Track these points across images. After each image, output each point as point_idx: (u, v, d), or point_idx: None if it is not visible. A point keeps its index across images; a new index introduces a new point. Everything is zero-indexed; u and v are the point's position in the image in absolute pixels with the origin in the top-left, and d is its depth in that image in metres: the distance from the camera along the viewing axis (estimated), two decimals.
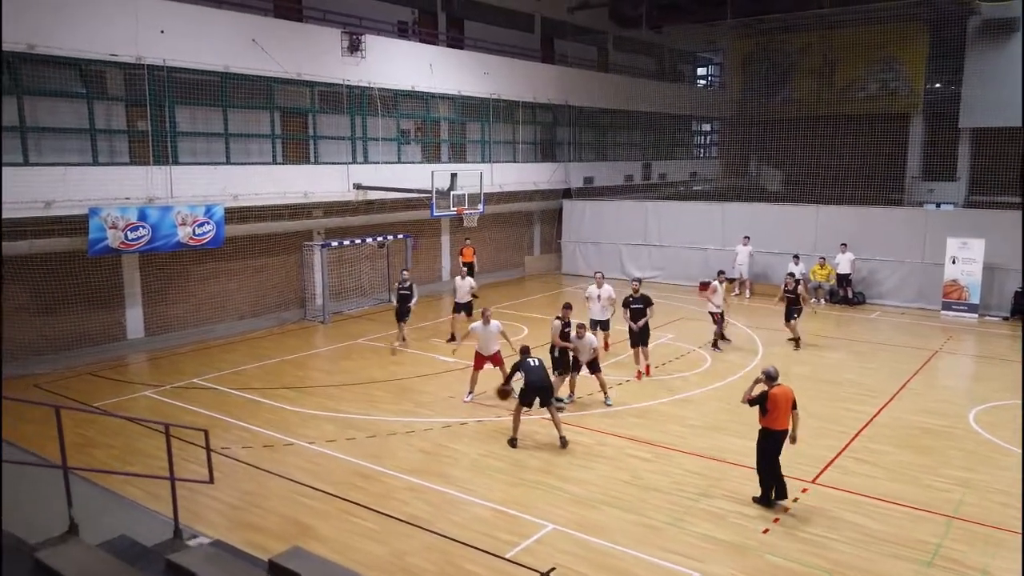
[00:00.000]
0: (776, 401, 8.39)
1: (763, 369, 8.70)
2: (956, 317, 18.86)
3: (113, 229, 14.72)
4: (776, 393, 8.43)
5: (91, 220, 14.36)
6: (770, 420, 8.47)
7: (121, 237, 14.87)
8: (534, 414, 11.21)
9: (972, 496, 8.87)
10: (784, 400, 8.42)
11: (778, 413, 8.42)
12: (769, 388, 8.46)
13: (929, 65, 32.89)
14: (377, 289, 21.64)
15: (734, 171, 37.46)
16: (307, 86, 18.49)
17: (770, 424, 8.49)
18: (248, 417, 11.90)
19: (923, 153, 33.83)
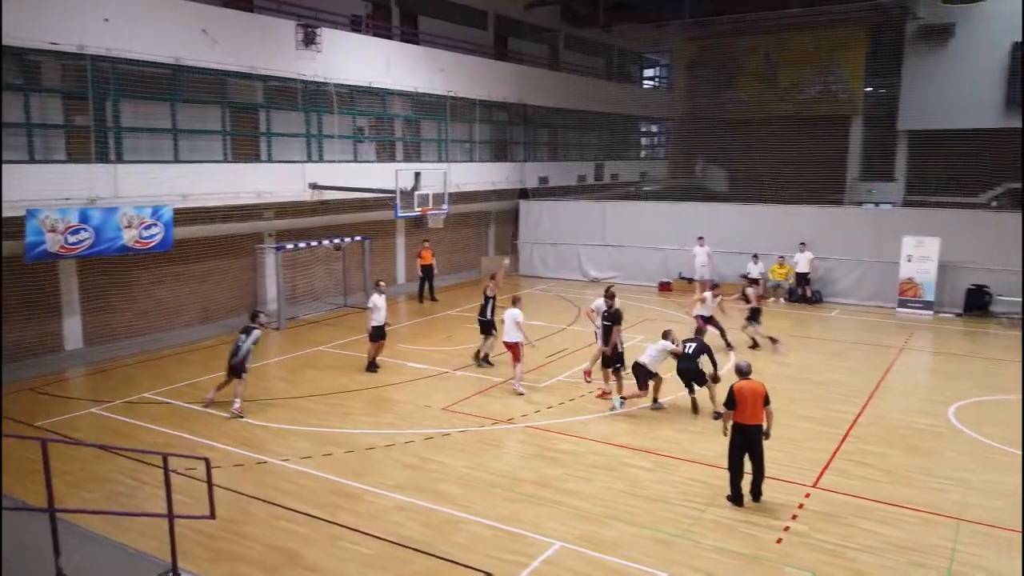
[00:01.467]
0: (742, 395, 8.41)
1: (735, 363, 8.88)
2: (912, 314, 19.27)
3: (52, 232, 13.59)
4: (742, 387, 8.47)
5: (28, 222, 13.21)
6: (737, 414, 8.47)
7: (61, 241, 13.74)
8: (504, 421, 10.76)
9: (974, 497, 8.85)
10: (751, 394, 8.40)
11: (745, 407, 8.41)
12: (736, 383, 8.54)
13: (868, 68, 33.81)
14: (333, 293, 20.82)
15: (681, 171, 37.84)
16: (260, 80, 17.58)
17: (737, 418, 8.49)
18: (212, 434, 11.08)
19: (863, 154, 34.80)
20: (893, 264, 19.78)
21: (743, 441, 8.53)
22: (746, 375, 8.67)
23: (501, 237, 27.63)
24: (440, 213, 18.36)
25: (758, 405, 8.43)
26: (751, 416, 8.45)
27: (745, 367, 8.75)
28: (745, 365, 8.77)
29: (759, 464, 8.61)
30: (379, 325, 14.08)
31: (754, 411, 8.44)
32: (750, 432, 8.48)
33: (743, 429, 8.48)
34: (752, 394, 8.43)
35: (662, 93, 38.98)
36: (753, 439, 8.51)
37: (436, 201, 18.24)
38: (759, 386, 8.51)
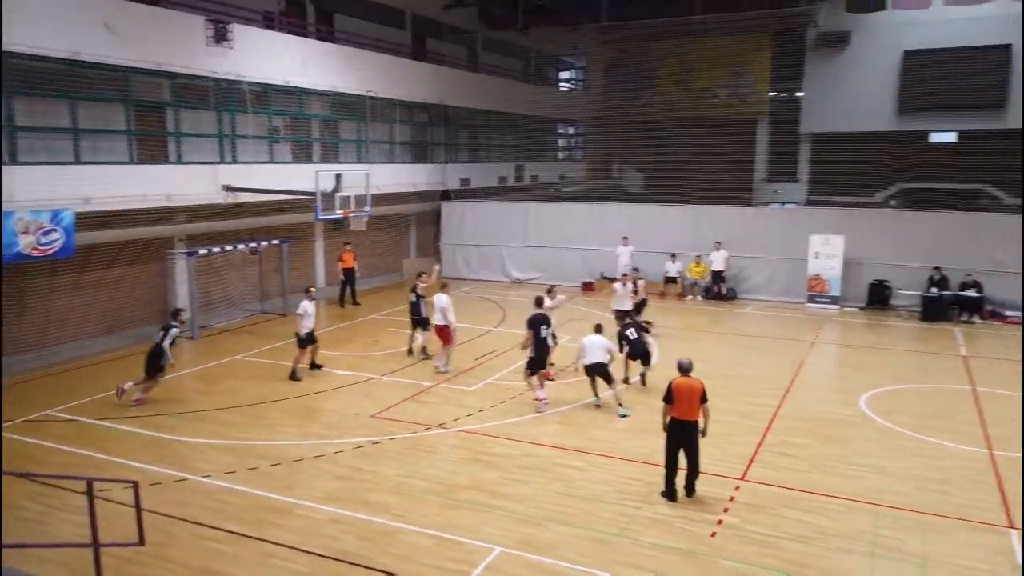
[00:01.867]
0: (680, 391, 8.65)
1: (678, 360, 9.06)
2: (820, 309, 20.19)
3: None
4: (680, 383, 8.70)
5: None
6: (674, 409, 8.69)
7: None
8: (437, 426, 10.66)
9: (888, 483, 9.31)
10: (688, 391, 8.63)
11: (682, 402, 8.64)
12: (675, 379, 8.80)
13: (773, 74, 35.28)
14: (249, 299, 20.08)
15: (599, 173, 38.53)
16: (168, 78, 16.76)
17: (674, 413, 8.71)
18: (126, 452, 10.47)
19: (769, 156, 36.33)
20: (801, 261, 20.66)
21: (679, 436, 8.70)
22: (686, 372, 8.84)
23: (423, 239, 27.34)
24: (363, 215, 17.97)
25: (694, 401, 8.63)
26: (687, 412, 8.64)
27: (687, 364, 8.92)
28: (687, 362, 8.95)
29: (694, 460, 8.80)
30: (309, 332, 13.93)
31: (690, 407, 8.63)
32: (686, 427, 8.66)
33: (679, 424, 8.68)
34: (689, 390, 8.64)
35: (579, 95, 39.49)
36: (689, 435, 8.68)
37: (358, 203, 17.82)
38: (697, 383, 8.70)
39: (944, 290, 18.62)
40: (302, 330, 13.86)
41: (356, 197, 17.85)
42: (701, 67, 36.09)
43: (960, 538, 7.92)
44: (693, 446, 8.76)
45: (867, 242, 20.13)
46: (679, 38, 35.77)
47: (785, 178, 35.69)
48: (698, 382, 8.73)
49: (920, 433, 10.95)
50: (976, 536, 7.96)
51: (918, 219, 20.11)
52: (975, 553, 7.61)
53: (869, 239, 20.15)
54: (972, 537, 7.94)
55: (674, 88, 36.76)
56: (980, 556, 7.55)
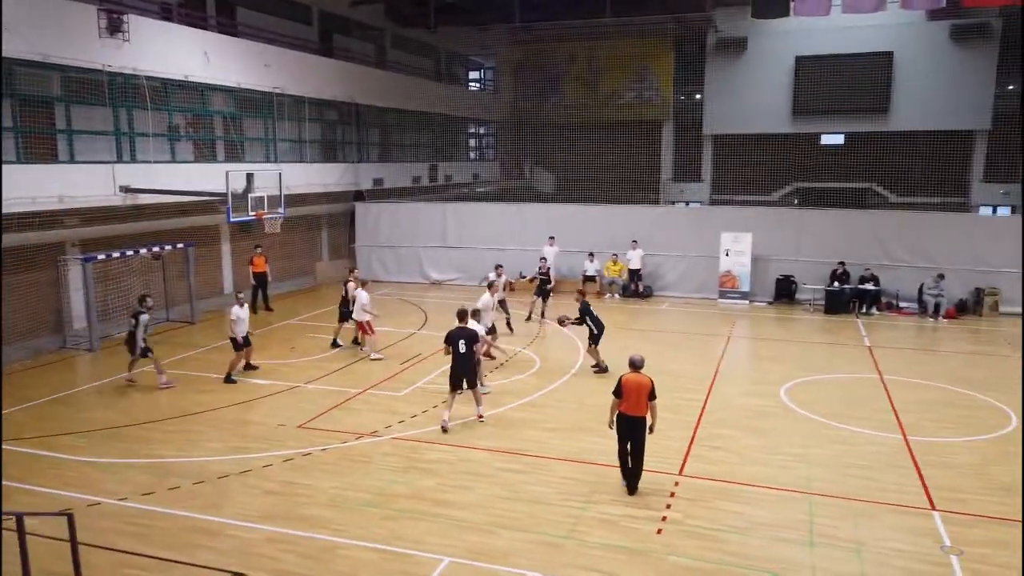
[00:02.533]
0: (628, 387, 8.86)
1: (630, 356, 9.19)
2: (731, 304, 20.92)
3: None
4: (628, 380, 8.91)
5: None
6: (622, 405, 8.91)
7: None
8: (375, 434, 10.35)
9: (816, 471, 9.68)
10: (636, 387, 8.83)
11: (629, 399, 8.84)
12: (625, 374, 9.00)
13: (676, 77, 36.39)
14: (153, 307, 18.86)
15: (511, 173, 38.62)
16: (57, 70, 15.56)
17: (622, 408, 8.94)
18: (29, 476, 9.61)
19: (674, 157, 37.42)
20: (712, 259, 21.35)
21: (626, 431, 8.92)
22: (637, 368, 8.99)
23: (335, 241, 26.58)
24: (276, 217, 17.25)
25: (642, 398, 8.81)
26: (635, 407, 8.84)
27: (638, 360, 9.06)
28: (638, 359, 9.08)
29: (638, 457, 8.93)
30: (245, 335, 13.94)
31: (638, 403, 8.83)
32: (633, 423, 8.87)
33: (626, 419, 8.89)
34: (637, 387, 8.83)
35: (489, 95, 39.45)
36: (636, 431, 8.87)
37: (271, 204, 17.08)
38: (645, 380, 8.88)
39: (845, 284, 19.64)
40: (238, 335, 13.79)
41: (269, 198, 17.09)
42: (608, 69, 36.81)
43: (889, 521, 8.31)
44: (639, 443, 8.88)
45: (773, 239, 21.01)
46: (586, 40, 36.40)
47: (690, 178, 36.86)
48: (647, 378, 8.90)
49: (838, 422, 11.47)
50: (903, 519, 8.38)
51: (818, 217, 21.13)
52: (904, 536, 8.00)
53: (774, 236, 21.03)
54: (900, 520, 8.35)
55: (582, 90, 37.34)
56: (909, 539, 7.94)
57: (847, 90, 31.83)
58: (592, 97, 37.02)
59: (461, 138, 36.83)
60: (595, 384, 13.44)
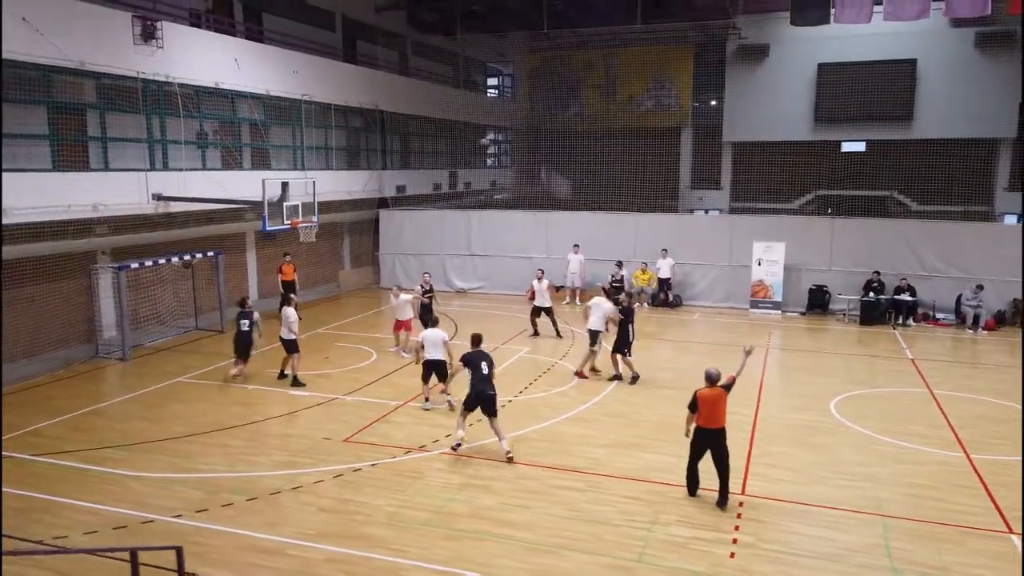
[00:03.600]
0: (704, 401, 8.81)
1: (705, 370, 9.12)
2: (763, 314, 20.67)
3: None
4: (704, 394, 8.84)
5: None
6: (700, 418, 8.87)
7: None
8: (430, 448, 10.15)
9: (884, 491, 9.43)
10: (713, 401, 8.79)
11: (707, 411, 8.79)
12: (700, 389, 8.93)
13: (696, 84, 36.23)
14: (180, 316, 18.75)
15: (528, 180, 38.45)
16: (93, 78, 15.43)
17: (698, 422, 8.89)
18: (76, 492, 9.42)
19: (693, 164, 37.22)
20: (743, 268, 21.13)
21: (704, 444, 8.89)
22: (713, 382, 8.90)
23: (357, 249, 26.43)
24: (311, 226, 17.08)
25: (720, 409, 8.77)
26: (712, 420, 8.79)
27: (714, 374, 8.95)
28: (715, 372, 8.97)
29: (723, 467, 8.88)
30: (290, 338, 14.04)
31: (715, 415, 8.78)
32: (711, 435, 8.82)
33: (704, 432, 8.85)
34: (715, 400, 8.79)
35: (507, 102, 39.32)
36: (715, 441, 8.84)
37: (307, 212, 16.93)
38: (722, 392, 8.88)
39: (881, 294, 19.38)
40: (296, 335, 14.01)
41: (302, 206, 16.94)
42: (626, 76, 36.68)
43: (969, 546, 8.06)
44: (722, 453, 8.86)
45: (804, 248, 20.76)
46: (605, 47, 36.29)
47: (709, 185, 36.66)
48: (722, 391, 8.90)
49: (895, 438, 11.21)
50: (982, 543, 8.12)
51: (851, 226, 20.87)
52: (987, 561, 7.75)
53: (806, 245, 20.78)
54: (979, 544, 8.09)
55: (600, 96, 37.22)
56: (992, 564, 7.69)
57: (870, 97, 31.64)
58: (610, 104, 36.91)
59: (479, 145, 36.69)
60: (642, 397, 13.25)
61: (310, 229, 16.98)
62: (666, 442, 11.09)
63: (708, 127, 36.45)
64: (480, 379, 10.58)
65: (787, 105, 33.35)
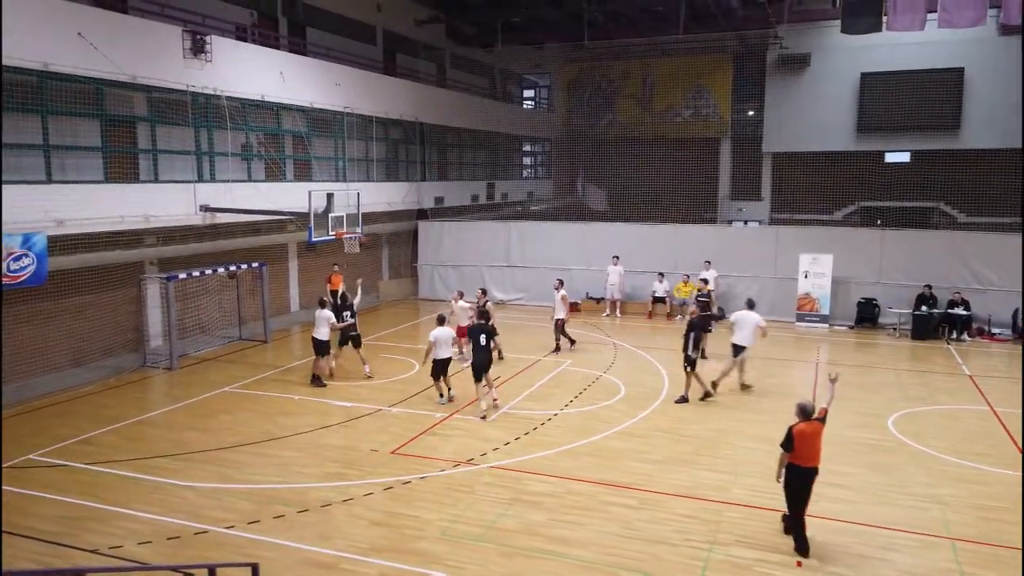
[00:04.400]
0: (803, 437, 7.98)
1: (797, 402, 8.33)
2: (809, 328, 20.23)
3: None
4: (800, 430, 8.01)
5: None
6: (795, 456, 8.04)
7: None
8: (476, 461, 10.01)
9: (951, 513, 9.07)
10: (811, 437, 8.01)
11: (803, 449, 7.98)
12: (796, 424, 8.08)
13: (735, 94, 35.88)
14: (224, 326, 18.92)
15: (565, 191, 38.38)
16: (144, 91, 15.69)
17: (793, 460, 8.06)
18: (130, 501, 9.47)
19: (732, 175, 36.81)
20: (788, 280, 20.73)
21: (798, 482, 8.07)
22: (808, 416, 8.12)
23: (396, 260, 26.52)
24: (355, 237, 17.15)
25: (817, 445, 8.06)
26: (809, 458, 8.04)
27: (810, 408, 8.18)
28: (809, 406, 8.20)
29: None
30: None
31: (812, 453, 8.04)
32: (805, 474, 8.06)
33: (800, 471, 8.05)
34: (812, 436, 8.03)
35: (544, 113, 39.31)
36: (808, 482, 8.09)
37: (351, 223, 17.01)
38: (819, 427, 8.11)
39: (934, 308, 18.86)
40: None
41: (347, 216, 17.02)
42: (664, 86, 36.47)
43: None
44: (808, 494, 8.13)
45: (852, 260, 20.32)
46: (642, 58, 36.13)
47: (748, 196, 36.19)
48: (820, 425, 8.13)
49: (959, 457, 10.82)
50: None
51: (900, 237, 20.37)
52: None
53: (853, 257, 20.33)
54: None
55: (636, 107, 37.04)
56: None
57: (915, 107, 31.03)
58: (647, 114, 36.71)
59: (516, 156, 36.71)
60: (691, 412, 13.01)
61: (354, 240, 17.02)
62: (718, 458, 10.86)
63: (747, 137, 36.09)
64: (479, 349, 12.77)
65: (829, 115, 32.86)
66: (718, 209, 36.29)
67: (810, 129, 33.21)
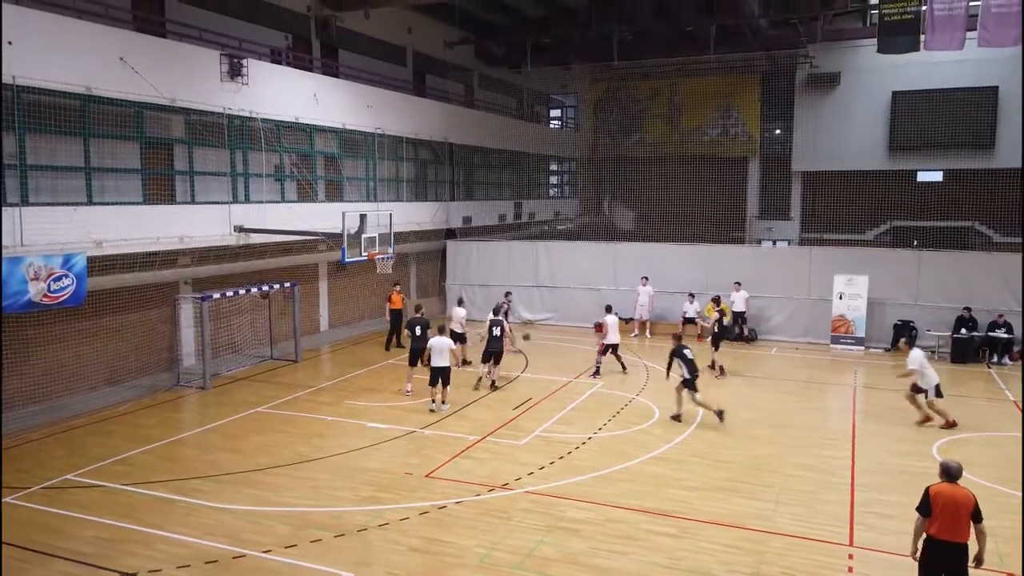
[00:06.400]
0: (941, 501, 6.69)
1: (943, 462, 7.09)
2: (845, 350, 19.88)
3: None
4: (940, 492, 6.74)
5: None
6: (932, 525, 6.73)
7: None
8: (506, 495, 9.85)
9: (1004, 545, 8.77)
10: (953, 504, 6.66)
11: (944, 519, 6.66)
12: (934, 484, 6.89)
13: (763, 113, 35.67)
14: (255, 345, 19.01)
15: (591, 210, 38.31)
16: (183, 113, 15.93)
17: (932, 531, 6.74)
18: (167, 523, 9.46)
19: (761, 194, 36.51)
20: (822, 301, 20.41)
21: (938, 561, 6.72)
22: (954, 479, 6.81)
23: (423, 279, 26.57)
24: (387, 257, 17.20)
25: (963, 518, 6.63)
26: (951, 531, 6.64)
27: (956, 469, 6.85)
28: (956, 467, 6.88)
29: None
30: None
31: (957, 525, 6.64)
32: (949, 551, 6.65)
33: (939, 546, 6.66)
34: (955, 503, 6.66)
35: (571, 133, 39.36)
36: (954, 561, 6.68)
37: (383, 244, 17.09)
38: (967, 494, 6.72)
39: (974, 331, 18.45)
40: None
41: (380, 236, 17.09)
42: (691, 106, 36.37)
43: None
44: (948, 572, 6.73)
45: (887, 281, 19.98)
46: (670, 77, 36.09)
47: (778, 216, 35.85)
48: (968, 492, 6.74)
49: (1010, 488, 10.49)
50: None
51: (939, 258, 20.02)
52: None
53: (889, 278, 20.00)
54: None
55: (664, 126, 36.94)
56: None
57: (948, 126, 30.58)
58: (675, 133, 36.60)
59: (543, 176, 36.76)
60: (726, 437, 12.79)
61: (386, 261, 17.06)
62: (757, 486, 10.63)
63: (776, 156, 35.84)
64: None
65: (859, 134, 32.52)
66: (747, 228, 35.98)
67: (840, 148, 32.88)
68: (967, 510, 6.67)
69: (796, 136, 34.30)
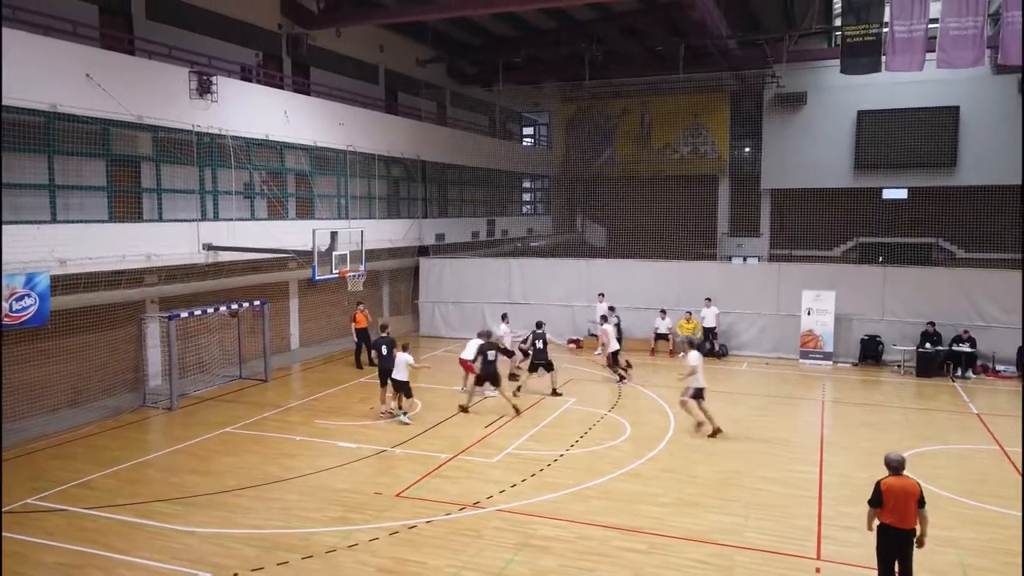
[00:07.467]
0: (891, 493, 7.41)
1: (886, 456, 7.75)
2: (813, 365, 20.14)
3: None
4: (890, 485, 7.46)
5: None
6: (885, 514, 7.49)
7: None
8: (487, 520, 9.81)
9: (971, 558, 8.91)
10: (902, 494, 7.40)
11: (895, 507, 7.41)
12: (884, 478, 7.56)
13: (732, 131, 36.25)
14: (224, 364, 18.76)
15: (564, 227, 38.53)
16: (150, 131, 15.78)
17: (883, 518, 7.51)
18: (132, 548, 9.25)
19: (731, 211, 37.00)
20: (791, 317, 20.69)
21: (886, 543, 7.54)
22: (898, 471, 7.54)
23: (396, 297, 26.48)
24: (358, 275, 17.11)
25: (910, 506, 7.40)
26: (901, 519, 7.42)
27: (897, 461, 7.58)
28: (897, 459, 7.60)
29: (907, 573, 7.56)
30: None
31: (905, 513, 7.41)
32: (899, 537, 7.46)
33: (892, 533, 7.48)
34: (904, 493, 7.40)
35: (543, 151, 39.63)
36: (902, 546, 7.49)
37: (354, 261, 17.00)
38: (912, 484, 7.49)
39: (938, 345, 18.80)
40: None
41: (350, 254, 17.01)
42: (662, 124, 36.82)
43: None
44: (907, 560, 7.50)
45: (855, 297, 20.31)
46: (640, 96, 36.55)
47: (747, 232, 36.34)
48: (913, 482, 7.51)
49: (976, 500, 10.67)
50: None
51: (904, 274, 20.41)
52: None
53: (856, 294, 20.33)
54: None
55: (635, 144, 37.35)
56: None
57: (912, 144, 31.31)
58: (645, 151, 37.01)
59: (516, 193, 36.92)
60: (697, 452, 12.85)
61: (357, 278, 16.99)
62: (727, 501, 10.70)
63: (746, 174, 36.38)
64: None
65: (826, 152, 33.13)
66: (717, 245, 36.41)
67: (808, 166, 33.47)
68: (914, 499, 7.43)
69: (764, 154, 34.87)
